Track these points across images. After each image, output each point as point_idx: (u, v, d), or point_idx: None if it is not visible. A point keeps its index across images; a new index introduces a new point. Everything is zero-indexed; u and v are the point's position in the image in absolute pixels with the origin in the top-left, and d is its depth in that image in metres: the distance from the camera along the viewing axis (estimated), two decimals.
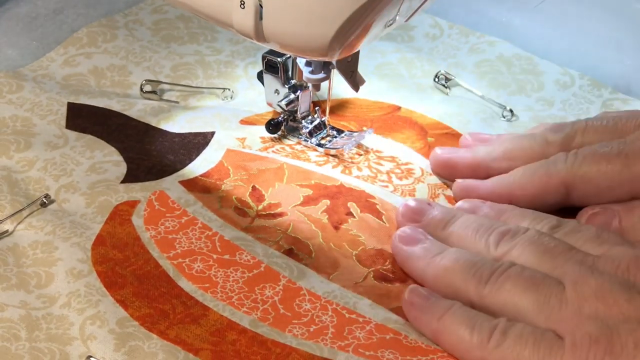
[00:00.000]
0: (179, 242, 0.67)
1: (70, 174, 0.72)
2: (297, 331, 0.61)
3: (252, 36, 0.63)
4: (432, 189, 0.72)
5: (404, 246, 0.65)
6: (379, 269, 0.66)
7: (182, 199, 0.70)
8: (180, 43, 0.87)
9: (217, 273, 0.65)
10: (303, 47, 0.63)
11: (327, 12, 0.60)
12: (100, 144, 0.75)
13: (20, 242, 0.67)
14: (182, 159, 0.74)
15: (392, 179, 0.73)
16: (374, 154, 0.75)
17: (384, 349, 0.60)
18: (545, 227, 0.64)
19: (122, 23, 0.88)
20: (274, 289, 0.64)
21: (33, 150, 0.74)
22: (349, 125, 0.78)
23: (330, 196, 0.71)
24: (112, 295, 0.63)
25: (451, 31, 0.89)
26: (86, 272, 0.64)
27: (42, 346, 0.60)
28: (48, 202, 0.70)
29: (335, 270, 0.65)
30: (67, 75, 0.83)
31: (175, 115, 0.78)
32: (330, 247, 0.67)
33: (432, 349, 0.60)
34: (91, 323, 0.61)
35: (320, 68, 0.72)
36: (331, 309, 0.62)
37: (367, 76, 0.74)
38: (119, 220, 0.68)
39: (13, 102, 0.79)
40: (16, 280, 0.64)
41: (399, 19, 0.65)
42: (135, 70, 0.83)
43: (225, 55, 0.85)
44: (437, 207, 0.67)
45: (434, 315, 0.60)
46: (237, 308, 0.62)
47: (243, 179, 0.72)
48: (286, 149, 0.75)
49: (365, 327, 0.61)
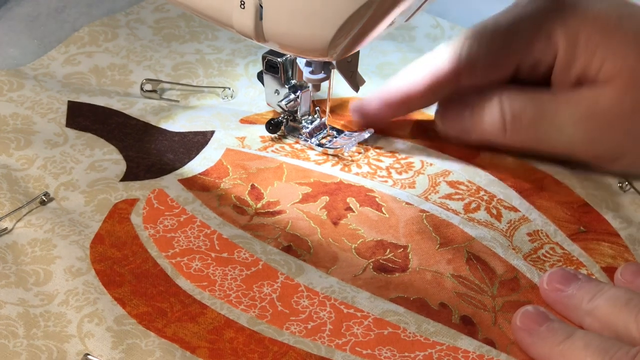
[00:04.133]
0: (177, 240, 0.67)
1: (69, 172, 0.72)
2: (294, 328, 0.61)
3: (252, 36, 0.63)
4: (433, 179, 0.72)
5: (529, 323, 0.61)
6: (379, 260, 0.66)
7: (181, 197, 0.70)
8: (181, 42, 0.87)
9: (215, 271, 0.65)
10: (303, 47, 0.63)
11: (327, 13, 0.60)
12: (100, 143, 0.75)
13: (19, 240, 0.67)
14: (181, 158, 0.74)
15: (392, 174, 0.73)
16: (374, 150, 0.75)
17: (382, 346, 0.60)
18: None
19: (124, 22, 0.88)
20: (272, 287, 0.64)
21: (33, 148, 0.74)
22: (349, 125, 0.78)
23: (329, 193, 0.71)
24: (110, 293, 0.63)
25: (452, 32, 0.89)
26: (84, 270, 0.64)
27: (40, 344, 0.60)
28: (47, 200, 0.70)
29: (334, 264, 0.65)
30: (68, 74, 0.83)
31: (175, 114, 0.78)
32: (329, 242, 0.67)
33: (431, 343, 0.60)
34: (89, 321, 0.61)
35: (320, 68, 0.72)
36: (329, 305, 0.62)
37: (367, 76, 0.74)
38: (117, 218, 0.68)
39: (14, 100, 0.79)
40: (15, 278, 0.64)
41: (400, 19, 0.65)
42: (136, 69, 0.84)
43: (226, 53, 0.86)
44: (585, 278, 0.63)
45: (554, 340, 0.59)
46: (235, 306, 0.62)
47: (242, 177, 0.72)
48: (285, 148, 0.75)
49: (364, 322, 0.61)
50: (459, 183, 0.72)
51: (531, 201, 0.71)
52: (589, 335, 0.59)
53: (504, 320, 0.62)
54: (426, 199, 0.71)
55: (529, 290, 0.64)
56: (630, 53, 0.68)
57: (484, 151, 0.75)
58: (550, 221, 0.69)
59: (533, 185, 0.72)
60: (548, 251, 0.67)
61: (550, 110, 0.71)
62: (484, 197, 0.71)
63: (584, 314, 0.61)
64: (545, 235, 0.68)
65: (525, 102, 0.71)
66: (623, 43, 0.68)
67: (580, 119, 0.70)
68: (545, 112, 0.71)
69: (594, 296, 0.61)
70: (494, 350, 0.60)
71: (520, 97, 0.71)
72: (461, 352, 0.60)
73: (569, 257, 0.67)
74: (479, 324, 0.62)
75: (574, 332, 0.59)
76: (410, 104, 0.74)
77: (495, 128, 0.72)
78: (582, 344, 0.58)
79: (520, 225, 0.69)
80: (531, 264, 0.66)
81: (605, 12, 0.69)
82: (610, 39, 0.68)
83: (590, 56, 0.69)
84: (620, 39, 0.68)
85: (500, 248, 0.67)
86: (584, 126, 0.70)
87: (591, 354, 0.57)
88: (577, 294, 0.62)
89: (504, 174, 0.73)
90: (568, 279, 0.63)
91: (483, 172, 0.73)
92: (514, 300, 0.64)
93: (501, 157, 0.74)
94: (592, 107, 0.69)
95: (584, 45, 0.69)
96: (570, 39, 0.69)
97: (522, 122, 0.71)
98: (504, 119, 0.71)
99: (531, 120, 0.71)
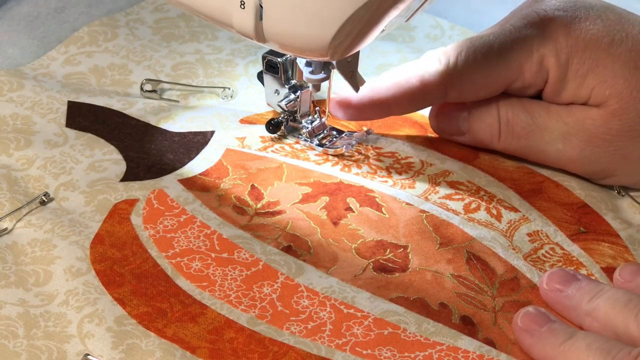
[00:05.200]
0: (177, 240, 0.67)
1: (69, 172, 0.72)
2: (294, 328, 0.61)
3: (252, 36, 0.63)
4: (433, 179, 0.72)
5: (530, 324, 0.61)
6: (379, 260, 0.66)
7: (181, 197, 0.70)
8: (181, 42, 0.87)
9: (216, 271, 0.65)
10: (303, 47, 0.63)
11: (327, 13, 0.60)
12: (100, 143, 0.75)
13: (19, 240, 0.67)
14: (181, 158, 0.74)
15: (392, 174, 0.73)
16: (374, 150, 0.75)
17: (382, 346, 0.60)
18: None
19: (123, 22, 0.88)
20: (272, 287, 0.64)
21: (33, 148, 0.74)
22: (349, 125, 0.78)
23: (329, 193, 0.71)
24: (110, 293, 0.63)
25: (452, 32, 0.89)
26: (84, 270, 0.64)
27: (40, 344, 0.60)
28: (47, 200, 0.70)
29: (334, 264, 0.65)
30: (67, 74, 0.83)
31: (175, 115, 0.78)
32: (329, 242, 0.67)
33: (431, 343, 0.60)
34: (89, 321, 0.61)
35: (320, 68, 0.72)
36: (329, 305, 0.62)
37: (367, 76, 0.74)
38: (117, 218, 0.68)
39: (13, 100, 0.79)
40: (15, 278, 0.64)
41: (399, 19, 0.65)
42: (136, 69, 0.84)
43: (226, 53, 0.86)
44: (585, 279, 0.63)
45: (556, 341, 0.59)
46: (235, 306, 0.62)
47: (242, 177, 0.72)
48: (285, 149, 0.75)
49: (364, 322, 0.61)
50: (459, 183, 0.72)
51: (531, 202, 0.71)
52: (590, 336, 0.59)
53: (504, 320, 0.62)
54: (426, 199, 0.71)
55: (529, 291, 0.64)
56: (619, 80, 0.69)
57: (484, 153, 0.75)
58: (550, 221, 0.69)
59: (532, 187, 0.72)
60: (548, 251, 0.67)
61: (542, 122, 0.71)
62: (484, 197, 0.71)
63: (584, 315, 0.61)
64: (545, 236, 0.68)
65: (519, 110, 0.72)
66: (612, 70, 0.69)
67: (570, 133, 0.70)
68: (537, 123, 0.71)
69: (594, 297, 0.61)
70: (494, 350, 0.60)
71: (516, 104, 0.72)
72: (461, 352, 0.60)
73: (569, 258, 0.67)
74: (479, 324, 0.62)
75: (575, 333, 0.59)
76: (393, 109, 0.74)
77: (490, 133, 0.72)
78: (584, 345, 0.58)
79: (520, 225, 0.69)
80: (531, 264, 0.66)
81: (597, 37, 0.69)
82: (600, 66, 0.69)
83: (580, 83, 0.69)
84: (610, 66, 0.69)
85: (501, 248, 0.67)
86: (573, 141, 0.70)
87: (592, 354, 0.57)
88: (576, 294, 0.62)
89: (503, 176, 0.73)
90: (567, 279, 0.63)
91: (483, 174, 0.73)
92: (514, 300, 0.64)
93: (500, 159, 0.74)
94: (582, 124, 0.70)
95: (574, 72, 0.69)
96: (561, 67, 0.70)
97: (515, 130, 0.72)
98: (499, 124, 0.72)
99: (523, 129, 0.71)
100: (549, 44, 0.70)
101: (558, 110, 0.71)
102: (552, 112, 0.71)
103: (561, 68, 0.70)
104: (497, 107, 0.72)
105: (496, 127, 0.72)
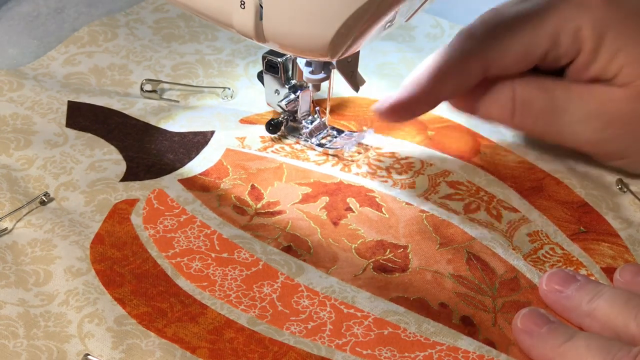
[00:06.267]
0: (177, 240, 0.67)
1: (69, 172, 0.72)
2: (295, 328, 0.61)
3: (252, 36, 0.63)
4: (433, 179, 0.72)
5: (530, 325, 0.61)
6: (379, 260, 0.66)
7: (181, 197, 0.70)
8: (181, 42, 0.87)
9: (216, 271, 0.65)
10: (303, 47, 0.63)
11: (327, 13, 0.60)
12: (100, 143, 0.75)
13: (19, 240, 0.67)
14: (181, 158, 0.74)
15: (392, 174, 0.73)
16: (374, 150, 0.75)
17: (382, 346, 0.60)
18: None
19: (123, 22, 0.88)
20: (272, 287, 0.64)
21: (33, 148, 0.74)
22: (349, 125, 0.78)
23: (329, 193, 0.71)
24: (110, 293, 0.63)
25: (452, 31, 0.89)
26: (85, 270, 0.64)
27: (40, 344, 0.60)
28: (47, 200, 0.70)
29: (334, 264, 0.65)
30: (67, 74, 0.83)
31: (175, 115, 0.78)
32: (329, 242, 0.67)
33: (431, 343, 0.60)
34: (89, 321, 0.61)
35: (321, 68, 0.72)
36: (329, 305, 0.62)
37: (367, 76, 0.74)
38: (117, 218, 0.68)
39: (14, 100, 0.79)
40: (15, 278, 0.64)
41: (399, 19, 0.65)
42: (136, 69, 0.84)
43: (226, 54, 0.86)
44: (585, 279, 0.63)
45: (555, 341, 0.59)
46: (235, 306, 0.62)
47: (242, 178, 0.72)
48: (285, 149, 0.75)
49: (364, 322, 0.61)
50: (459, 183, 0.72)
51: (531, 201, 0.71)
52: (590, 337, 0.59)
53: (504, 320, 0.62)
54: (426, 199, 0.71)
55: (529, 291, 0.64)
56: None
57: (485, 147, 0.75)
58: (550, 221, 0.69)
59: (533, 185, 0.72)
60: (548, 251, 0.67)
61: (561, 102, 0.70)
62: (484, 197, 0.71)
63: (584, 315, 0.61)
64: (545, 236, 0.68)
65: (538, 89, 0.70)
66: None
67: (590, 115, 0.69)
68: (556, 104, 0.70)
69: (593, 297, 0.61)
70: (494, 350, 0.60)
71: (534, 83, 0.70)
72: (461, 352, 0.60)
73: (569, 258, 0.67)
74: (479, 325, 0.62)
75: (575, 334, 0.59)
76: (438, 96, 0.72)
77: (504, 111, 0.71)
78: (584, 345, 0.58)
79: (520, 225, 0.69)
80: (531, 264, 0.66)
81: (636, 11, 0.68)
82: (632, 46, 0.68)
83: (610, 59, 0.68)
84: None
85: (501, 248, 0.67)
86: (593, 123, 0.69)
87: (593, 355, 0.57)
88: (576, 295, 0.62)
89: (503, 173, 0.73)
90: (567, 280, 0.63)
91: (483, 172, 0.73)
92: (514, 300, 0.64)
93: (501, 155, 0.74)
94: (604, 106, 0.69)
95: (608, 46, 0.68)
96: (597, 38, 0.68)
97: (532, 110, 0.70)
98: (514, 103, 0.70)
99: (541, 109, 0.70)
100: (587, 12, 0.68)
101: (580, 91, 0.70)
102: (574, 92, 0.70)
103: (597, 40, 0.68)
104: (512, 83, 0.70)
105: (509, 107, 0.71)
